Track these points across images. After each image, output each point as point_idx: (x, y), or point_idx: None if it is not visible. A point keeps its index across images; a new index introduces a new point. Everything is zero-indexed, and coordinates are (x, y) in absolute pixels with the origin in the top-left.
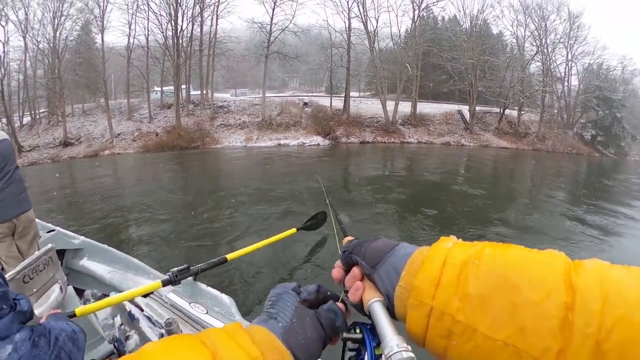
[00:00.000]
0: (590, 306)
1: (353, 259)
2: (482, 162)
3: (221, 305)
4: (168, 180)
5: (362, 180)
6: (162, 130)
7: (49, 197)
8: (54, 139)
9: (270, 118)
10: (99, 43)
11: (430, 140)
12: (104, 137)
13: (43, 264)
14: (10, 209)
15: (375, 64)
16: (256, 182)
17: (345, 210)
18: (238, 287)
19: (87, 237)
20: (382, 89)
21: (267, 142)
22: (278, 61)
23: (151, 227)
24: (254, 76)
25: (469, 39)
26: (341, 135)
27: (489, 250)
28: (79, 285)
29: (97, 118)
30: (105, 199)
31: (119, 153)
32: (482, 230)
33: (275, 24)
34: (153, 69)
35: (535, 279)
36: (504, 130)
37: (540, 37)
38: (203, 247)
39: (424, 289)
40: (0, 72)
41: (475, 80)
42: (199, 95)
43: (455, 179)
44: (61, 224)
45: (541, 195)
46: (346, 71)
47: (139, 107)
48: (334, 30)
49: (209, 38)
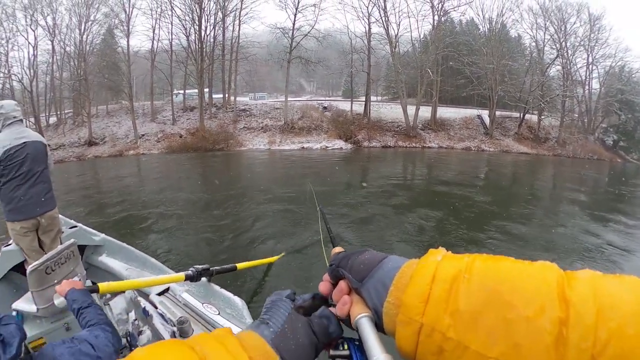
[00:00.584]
0: (584, 320)
1: (340, 272)
2: (502, 168)
3: (233, 307)
4: (193, 181)
5: (383, 184)
6: (186, 132)
7: (79, 193)
8: (79, 139)
9: (292, 122)
10: (124, 47)
11: (450, 145)
12: (128, 138)
13: (65, 257)
14: (35, 207)
15: (397, 69)
16: (278, 184)
17: (359, 213)
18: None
19: (107, 235)
20: (403, 93)
21: (291, 146)
22: (300, 66)
23: (173, 224)
24: (272, 80)
25: (488, 42)
26: (363, 139)
27: (480, 264)
28: (97, 280)
29: (120, 119)
30: (131, 195)
31: (144, 153)
32: (492, 240)
33: (297, 29)
34: (176, 72)
35: (528, 293)
36: (524, 136)
37: (560, 40)
38: (215, 247)
39: (413, 305)
40: (29, 74)
41: (495, 84)
42: (220, 99)
43: (476, 186)
44: (86, 219)
45: (560, 206)
46: (367, 76)
47: (162, 110)
48: (354, 35)
49: (231, 43)
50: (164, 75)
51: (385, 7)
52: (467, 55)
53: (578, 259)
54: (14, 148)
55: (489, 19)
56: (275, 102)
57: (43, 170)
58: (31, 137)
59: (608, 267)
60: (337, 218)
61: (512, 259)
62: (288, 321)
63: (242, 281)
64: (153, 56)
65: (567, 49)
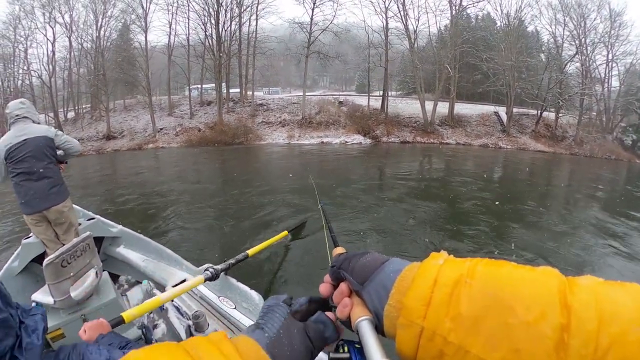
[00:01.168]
0: (585, 326)
1: (341, 274)
2: (522, 166)
3: (250, 302)
4: (215, 173)
5: (410, 181)
6: (204, 126)
7: (99, 185)
8: (97, 133)
9: (310, 116)
10: (141, 41)
11: (468, 141)
12: (147, 132)
13: (81, 250)
14: (39, 202)
15: (415, 65)
16: (299, 177)
17: (374, 209)
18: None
19: (126, 226)
20: (421, 89)
21: (310, 140)
22: (315, 61)
23: (192, 216)
24: (285, 75)
25: (507, 38)
26: (381, 134)
27: (482, 268)
28: (115, 271)
29: (138, 113)
30: (150, 187)
31: (164, 147)
32: (501, 246)
33: (315, 24)
34: (192, 66)
35: (529, 299)
36: (540, 133)
37: (580, 36)
38: (229, 238)
39: (414, 309)
40: (48, 70)
41: (513, 81)
42: (236, 93)
43: (504, 186)
44: (107, 209)
45: (577, 208)
46: (384, 71)
47: (179, 104)
48: (371, 30)
49: (247, 37)
50: (181, 69)
51: (404, 2)
52: (483, 51)
53: (589, 263)
54: (14, 146)
55: (507, 14)
56: (291, 97)
57: (47, 165)
58: (32, 133)
59: (620, 272)
60: (360, 213)
61: (514, 263)
62: (284, 327)
63: (258, 272)
64: (170, 51)
65: (587, 45)
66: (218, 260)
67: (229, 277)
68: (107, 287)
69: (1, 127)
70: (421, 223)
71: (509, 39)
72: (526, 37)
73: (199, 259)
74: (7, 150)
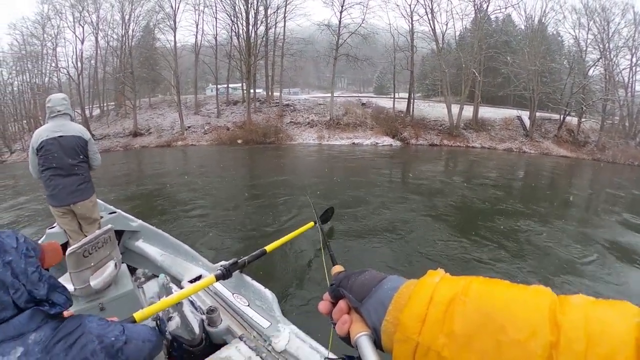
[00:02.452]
0: (574, 346)
1: (340, 292)
2: (553, 171)
3: (263, 300)
4: (247, 171)
5: (453, 184)
6: (233, 125)
7: (139, 179)
8: (123, 129)
9: (337, 118)
10: (170, 40)
11: (492, 145)
12: (174, 129)
13: (102, 242)
14: (67, 197)
15: (443, 69)
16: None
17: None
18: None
19: (144, 222)
20: (447, 92)
21: (341, 141)
22: (348, 63)
23: (217, 212)
24: (304, 76)
25: (531, 43)
26: (409, 136)
27: (476, 287)
28: (133, 264)
29: (164, 111)
30: (186, 185)
31: (193, 144)
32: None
33: (343, 27)
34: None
35: (520, 317)
36: (563, 138)
37: (603, 41)
38: (250, 234)
39: (410, 325)
40: (78, 67)
41: (537, 86)
42: (260, 93)
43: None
44: (137, 202)
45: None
46: (410, 74)
47: (205, 103)
48: (397, 33)
49: (274, 38)
50: (210, 69)
51: (432, 6)
52: (504, 54)
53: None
54: (49, 140)
55: (531, 17)
56: (317, 98)
57: (78, 163)
58: (69, 131)
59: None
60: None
61: (508, 282)
62: None
63: (273, 271)
64: (197, 51)
65: (610, 50)
66: (234, 256)
67: (243, 275)
68: (125, 279)
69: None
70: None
71: (532, 43)
72: (549, 41)
73: (217, 255)
74: (41, 142)
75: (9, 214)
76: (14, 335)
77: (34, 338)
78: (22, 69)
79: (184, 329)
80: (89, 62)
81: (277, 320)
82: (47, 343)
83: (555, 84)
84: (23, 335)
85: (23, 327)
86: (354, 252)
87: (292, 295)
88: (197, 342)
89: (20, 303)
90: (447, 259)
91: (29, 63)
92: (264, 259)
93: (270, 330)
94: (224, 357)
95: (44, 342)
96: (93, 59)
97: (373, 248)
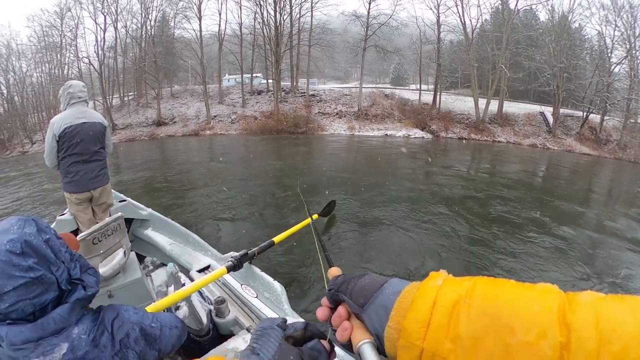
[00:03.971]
0: (586, 345)
1: (340, 297)
2: (583, 169)
3: (271, 292)
4: (283, 161)
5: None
6: (261, 115)
7: (173, 168)
8: (146, 119)
9: (365, 109)
10: (193, 30)
11: (517, 140)
12: (199, 118)
13: (112, 229)
14: (88, 183)
15: (472, 64)
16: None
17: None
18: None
19: (154, 210)
20: (475, 86)
21: (374, 132)
22: (378, 54)
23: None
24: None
25: (558, 40)
26: (439, 129)
27: (480, 288)
28: (142, 252)
29: (186, 101)
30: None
31: (222, 134)
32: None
33: (372, 18)
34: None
35: (528, 318)
36: (585, 136)
37: (630, 38)
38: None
39: (414, 331)
40: (100, 57)
41: (562, 82)
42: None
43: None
44: (175, 190)
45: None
46: (437, 67)
47: (228, 92)
48: (424, 24)
49: (298, 28)
50: (236, 58)
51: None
52: (528, 48)
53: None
54: (73, 126)
55: (557, 11)
56: (342, 89)
57: (99, 149)
58: (91, 118)
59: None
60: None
61: (513, 282)
62: (279, 352)
63: (282, 262)
64: (220, 40)
65: (637, 48)
66: (245, 247)
67: (252, 266)
68: (134, 267)
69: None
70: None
71: (559, 40)
72: (573, 37)
73: (231, 244)
74: (64, 128)
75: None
76: (54, 330)
77: (77, 331)
78: (42, 59)
79: (191, 319)
80: (110, 52)
81: (285, 313)
82: (94, 335)
83: (580, 82)
84: (65, 330)
85: (64, 321)
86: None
87: (298, 284)
88: (205, 332)
89: (62, 283)
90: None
91: (49, 54)
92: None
93: None
94: (231, 348)
95: (90, 334)
96: (112, 48)
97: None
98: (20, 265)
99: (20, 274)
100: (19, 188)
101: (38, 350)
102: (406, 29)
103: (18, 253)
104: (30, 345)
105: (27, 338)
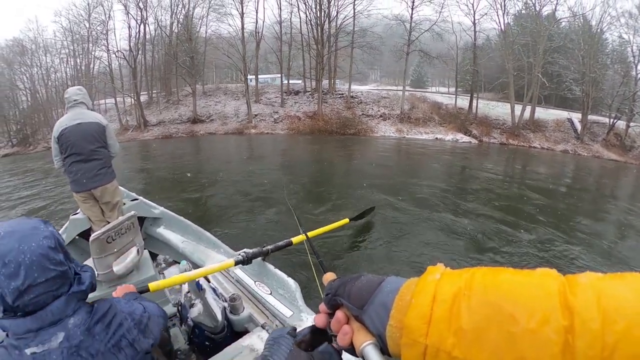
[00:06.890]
0: (590, 326)
1: (338, 301)
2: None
3: (286, 289)
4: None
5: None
6: (303, 115)
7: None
8: (179, 116)
9: (406, 112)
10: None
11: (550, 146)
12: (239, 117)
13: (125, 228)
14: (87, 182)
15: (511, 72)
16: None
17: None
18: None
19: (167, 209)
20: (512, 93)
21: (422, 136)
22: (422, 58)
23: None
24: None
25: (590, 50)
26: (480, 134)
27: (479, 279)
28: (154, 250)
29: (220, 99)
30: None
31: (268, 133)
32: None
33: (415, 22)
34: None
35: (529, 305)
36: (611, 142)
37: None
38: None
39: (415, 327)
40: (134, 52)
41: (592, 90)
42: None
43: None
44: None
45: None
46: (473, 72)
47: (263, 92)
48: (460, 29)
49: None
50: (277, 57)
51: (504, 9)
52: (551, 53)
53: None
54: (68, 128)
55: (587, 20)
56: (380, 91)
57: (97, 149)
58: (87, 118)
59: None
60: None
61: (512, 269)
62: (290, 358)
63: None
64: (258, 39)
65: None
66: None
67: (266, 263)
68: (147, 265)
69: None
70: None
71: (591, 49)
72: (602, 46)
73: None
74: (61, 130)
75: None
76: (52, 321)
77: (73, 322)
78: (68, 54)
79: (206, 316)
80: (142, 48)
81: (299, 310)
82: (88, 325)
83: (608, 90)
84: (61, 321)
85: (61, 313)
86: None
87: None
88: (219, 329)
89: (72, 277)
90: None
91: (77, 47)
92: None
93: (292, 320)
94: (245, 345)
95: (84, 324)
96: (143, 45)
97: None
98: (54, 259)
99: (53, 267)
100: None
101: (37, 339)
102: (445, 34)
103: (53, 247)
104: (31, 335)
105: (29, 328)
